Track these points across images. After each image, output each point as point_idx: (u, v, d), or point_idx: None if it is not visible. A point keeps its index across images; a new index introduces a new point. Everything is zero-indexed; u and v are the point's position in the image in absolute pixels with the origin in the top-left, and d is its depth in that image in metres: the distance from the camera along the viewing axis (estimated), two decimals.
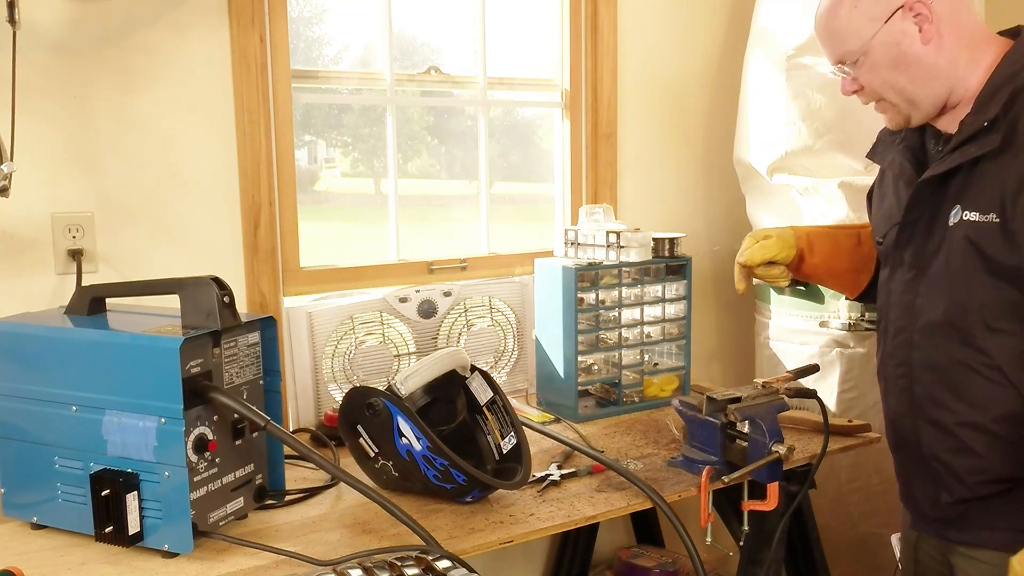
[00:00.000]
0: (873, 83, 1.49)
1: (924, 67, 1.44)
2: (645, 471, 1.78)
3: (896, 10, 1.42)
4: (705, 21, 2.66)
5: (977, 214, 1.41)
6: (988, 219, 1.39)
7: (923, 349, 1.52)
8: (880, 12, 1.43)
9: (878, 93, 1.50)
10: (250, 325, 1.56)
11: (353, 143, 2.53)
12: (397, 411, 1.60)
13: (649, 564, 2.43)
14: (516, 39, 2.52)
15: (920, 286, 1.51)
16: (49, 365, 1.47)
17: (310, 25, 2.36)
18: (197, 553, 1.43)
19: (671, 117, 2.64)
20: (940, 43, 1.43)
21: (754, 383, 1.78)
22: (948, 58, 1.43)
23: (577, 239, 2.23)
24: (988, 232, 1.39)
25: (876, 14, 1.44)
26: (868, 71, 1.47)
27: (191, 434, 1.41)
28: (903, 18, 1.43)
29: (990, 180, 1.39)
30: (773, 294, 2.49)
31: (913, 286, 1.53)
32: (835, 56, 1.51)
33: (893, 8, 1.43)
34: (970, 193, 1.42)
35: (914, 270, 1.52)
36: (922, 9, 1.41)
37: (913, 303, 1.53)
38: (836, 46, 1.49)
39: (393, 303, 2.16)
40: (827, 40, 1.52)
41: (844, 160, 2.31)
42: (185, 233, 1.98)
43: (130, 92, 1.89)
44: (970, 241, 1.42)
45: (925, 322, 1.51)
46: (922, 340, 1.52)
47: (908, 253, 1.54)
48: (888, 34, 1.43)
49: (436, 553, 1.35)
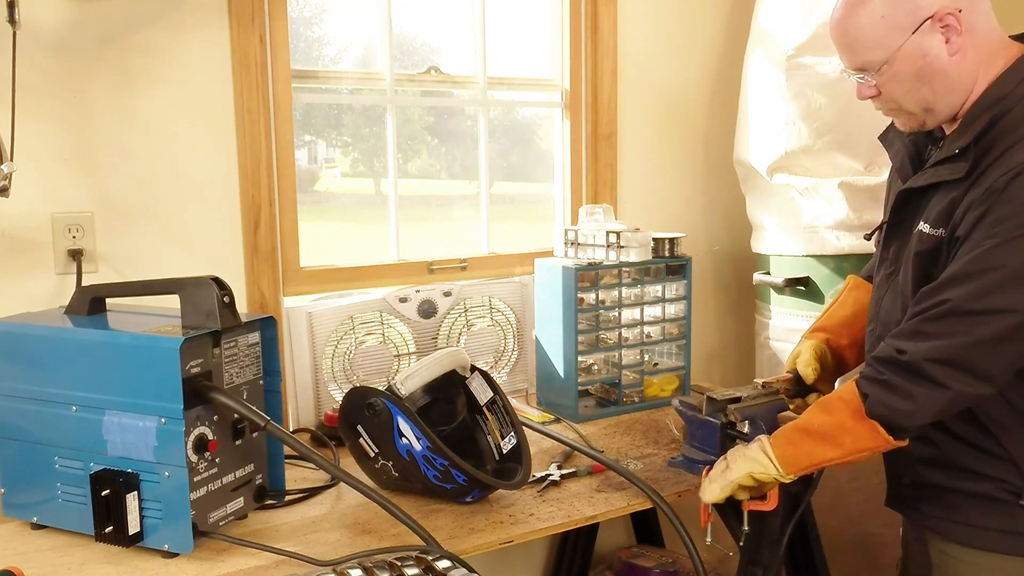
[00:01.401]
0: (894, 93, 1.43)
1: (948, 79, 1.39)
2: (645, 471, 1.78)
3: (925, 20, 1.35)
4: (705, 21, 2.66)
5: (929, 227, 1.42)
6: (937, 233, 1.41)
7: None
8: (908, 23, 1.36)
9: (897, 103, 1.45)
10: (250, 325, 1.56)
11: (353, 143, 2.53)
12: (397, 411, 1.60)
13: (649, 564, 2.43)
14: (516, 39, 2.52)
15: (891, 284, 1.54)
16: (49, 365, 1.47)
17: (310, 25, 2.36)
18: (197, 553, 1.43)
19: (671, 117, 2.64)
20: (964, 54, 1.38)
21: (754, 383, 1.78)
22: (970, 68, 1.39)
23: (577, 239, 2.23)
24: (932, 244, 1.42)
25: (904, 24, 1.36)
26: (890, 80, 1.41)
27: (191, 434, 1.41)
28: (932, 29, 1.36)
29: (949, 198, 1.40)
30: (773, 294, 2.49)
31: (886, 283, 1.56)
32: (854, 63, 1.44)
33: (922, 19, 1.35)
34: (933, 206, 1.44)
35: (891, 268, 1.55)
36: (951, 21, 1.35)
37: (882, 299, 1.56)
38: (857, 54, 1.42)
39: (393, 303, 2.16)
40: (846, 47, 1.44)
41: (844, 160, 2.31)
42: (185, 233, 1.98)
43: (130, 92, 1.89)
44: (918, 252, 1.44)
45: (886, 317, 1.54)
46: (883, 334, 1.55)
47: (891, 251, 1.56)
48: (915, 45, 1.37)
49: (436, 553, 1.35)
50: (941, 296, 1.35)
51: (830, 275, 2.34)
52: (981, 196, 1.33)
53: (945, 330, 1.34)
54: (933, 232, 1.41)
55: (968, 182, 1.37)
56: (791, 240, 2.40)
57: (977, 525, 1.46)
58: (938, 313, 1.35)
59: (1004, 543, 1.44)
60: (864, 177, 2.26)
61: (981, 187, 1.34)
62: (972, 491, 1.45)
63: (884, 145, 1.64)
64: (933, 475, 1.51)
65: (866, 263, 1.86)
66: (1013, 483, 1.42)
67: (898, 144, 1.58)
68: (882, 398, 1.39)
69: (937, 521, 1.53)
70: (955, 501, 1.48)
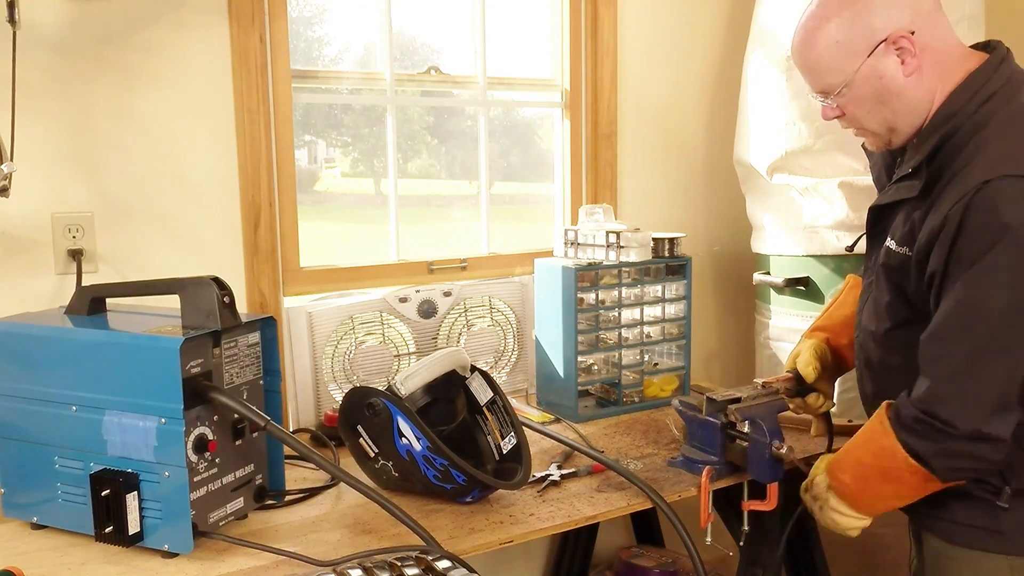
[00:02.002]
0: (856, 114, 1.47)
1: (906, 98, 1.42)
2: (645, 471, 1.78)
3: (879, 44, 1.38)
4: (705, 21, 2.66)
5: (895, 244, 1.46)
6: (902, 251, 1.45)
7: (865, 348, 1.59)
8: (863, 47, 1.39)
9: (860, 123, 1.48)
10: (250, 325, 1.56)
11: (353, 143, 2.53)
12: (397, 411, 1.60)
13: (649, 564, 2.43)
14: (516, 39, 2.53)
15: (870, 292, 1.57)
16: (49, 365, 1.47)
17: (310, 25, 2.36)
18: (197, 553, 1.43)
19: (671, 117, 2.64)
20: (921, 74, 1.40)
21: (754, 383, 1.78)
22: (927, 87, 1.42)
23: (577, 239, 2.23)
24: (899, 262, 1.45)
25: (858, 49, 1.39)
26: (850, 103, 1.45)
27: (191, 434, 1.41)
28: (886, 52, 1.39)
29: (910, 219, 1.44)
30: (773, 294, 2.49)
31: (868, 290, 1.59)
32: (816, 87, 1.48)
33: (876, 42, 1.38)
34: (898, 224, 1.47)
35: (872, 276, 1.58)
36: (905, 43, 1.38)
37: (864, 307, 1.60)
38: (817, 78, 1.46)
39: (393, 303, 2.16)
40: (808, 71, 1.48)
41: (844, 160, 2.31)
42: (185, 233, 1.98)
43: (130, 92, 1.89)
44: (887, 266, 1.48)
45: (866, 325, 1.58)
46: (864, 340, 1.59)
47: (871, 261, 1.59)
48: (871, 68, 1.40)
49: (436, 553, 1.35)
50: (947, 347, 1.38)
51: (830, 275, 2.34)
52: (939, 224, 1.35)
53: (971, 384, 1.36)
54: (898, 250, 1.45)
55: (926, 204, 1.40)
56: (791, 240, 2.40)
57: (962, 523, 1.48)
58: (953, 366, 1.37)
59: (989, 541, 1.46)
60: (864, 177, 2.26)
61: (938, 213, 1.36)
62: (959, 490, 1.46)
63: (867, 155, 1.68)
64: None
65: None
66: (994, 484, 1.44)
67: (876, 156, 1.62)
68: (955, 465, 1.40)
69: (930, 519, 1.54)
70: (945, 500, 1.50)
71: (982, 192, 1.30)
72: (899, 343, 1.48)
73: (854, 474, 1.50)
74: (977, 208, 1.31)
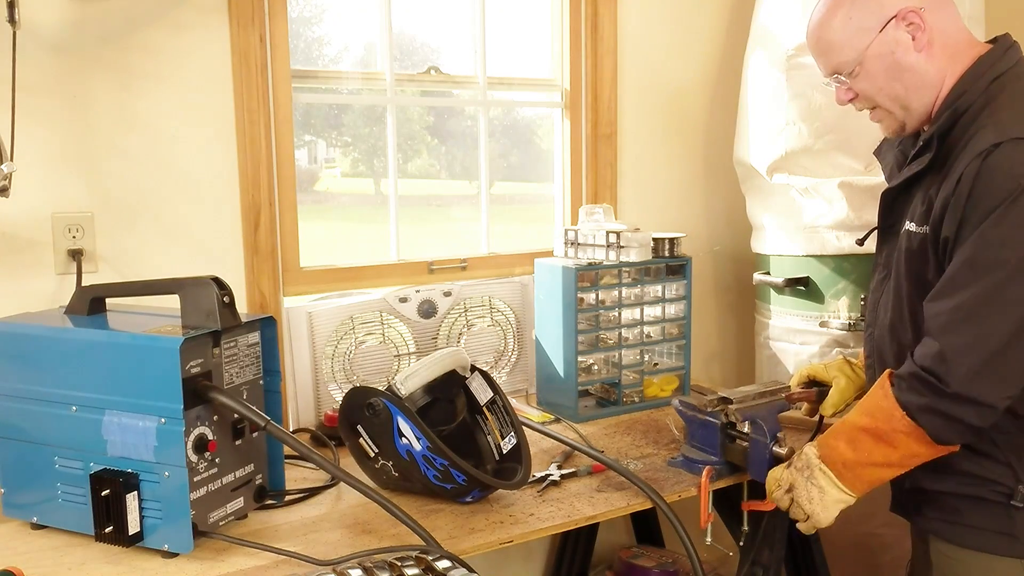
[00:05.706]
0: (869, 91, 1.51)
1: (918, 75, 1.48)
2: (645, 471, 1.78)
3: (889, 20, 1.46)
4: (705, 21, 2.66)
5: (915, 225, 1.48)
6: (921, 231, 1.46)
7: (881, 346, 1.59)
8: (874, 23, 1.46)
9: (873, 100, 1.53)
10: (250, 325, 1.56)
11: (353, 143, 2.53)
12: (397, 411, 1.60)
13: (649, 564, 2.43)
14: (516, 39, 2.53)
15: (886, 287, 1.58)
16: (49, 365, 1.47)
17: (310, 25, 2.36)
18: (197, 553, 1.43)
19: (671, 117, 2.64)
20: (931, 51, 1.47)
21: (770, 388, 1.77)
22: (938, 66, 1.47)
23: (577, 239, 2.23)
24: (918, 242, 1.47)
25: (870, 25, 1.47)
26: (863, 80, 1.50)
27: (191, 434, 1.41)
28: (896, 27, 1.46)
29: (927, 194, 1.46)
30: (773, 294, 2.49)
31: (881, 286, 1.60)
32: (829, 67, 1.53)
33: (886, 18, 1.46)
34: (916, 205, 1.49)
35: (885, 271, 1.59)
36: (915, 18, 1.45)
37: (878, 302, 1.60)
38: (830, 58, 1.52)
39: (393, 303, 2.16)
40: (820, 53, 1.54)
41: (844, 160, 2.31)
42: (185, 233, 1.98)
43: (130, 92, 1.89)
44: (908, 251, 1.49)
45: (883, 321, 1.58)
46: (880, 337, 1.59)
47: (883, 255, 1.61)
48: (882, 44, 1.46)
49: (436, 553, 1.35)
50: (951, 302, 1.37)
51: (830, 275, 2.34)
52: (952, 188, 1.38)
53: (968, 341, 1.36)
54: (918, 230, 1.47)
55: (940, 176, 1.43)
56: (791, 240, 2.40)
57: (973, 526, 1.48)
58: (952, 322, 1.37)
59: (1000, 544, 1.46)
60: (864, 177, 2.26)
61: (952, 178, 1.39)
62: (968, 494, 1.47)
63: (879, 159, 1.71)
64: (932, 479, 1.52)
65: (866, 263, 1.87)
66: (1007, 484, 1.44)
67: (889, 156, 1.65)
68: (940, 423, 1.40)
69: (936, 523, 1.54)
70: (953, 503, 1.50)
71: (993, 154, 1.34)
72: (919, 334, 1.47)
73: (848, 437, 1.49)
74: (988, 169, 1.34)
